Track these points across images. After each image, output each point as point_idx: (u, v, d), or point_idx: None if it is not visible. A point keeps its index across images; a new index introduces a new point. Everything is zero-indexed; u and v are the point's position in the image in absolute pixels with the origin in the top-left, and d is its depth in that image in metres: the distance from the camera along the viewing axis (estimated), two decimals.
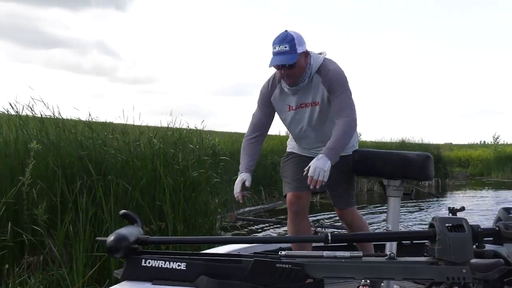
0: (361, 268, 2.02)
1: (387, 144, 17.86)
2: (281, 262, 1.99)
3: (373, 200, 13.12)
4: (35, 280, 4.04)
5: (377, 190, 14.98)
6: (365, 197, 13.81)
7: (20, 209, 4.49)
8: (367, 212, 10.69)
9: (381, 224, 9.02)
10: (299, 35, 2.82)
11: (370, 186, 15.12)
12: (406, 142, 18.54)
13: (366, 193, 14.59)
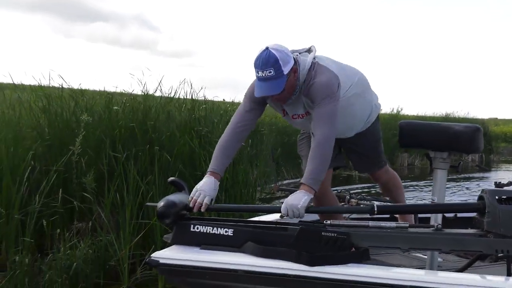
0: (407, 238, 2.02)
1: (429, 118, 17.43)
2: (326, 231, 2.01)
3: (414, 174, 12.91)
4: (84, 245, 4.21)
5: (418, 165, 14.73)
6: (406, 171, 13.60)
7: (69, 177, 4.67)
8: (407, 186, 10.55)
9: (423, 199, 8.90)
10: (283, 52, 2.42)
11: (411, 161, 14.86)
12: (450, 117, 18.03)
13: (406, 167, 14.36)
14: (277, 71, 2.36)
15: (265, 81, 2.39)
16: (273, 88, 2.40)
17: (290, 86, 2.48)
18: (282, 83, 2.40)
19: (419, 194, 9.64)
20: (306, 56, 2.58)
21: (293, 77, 2.48)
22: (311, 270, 1.90)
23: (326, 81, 2.49)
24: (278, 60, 2.36)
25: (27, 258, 4.00)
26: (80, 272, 4.03)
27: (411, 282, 1.88)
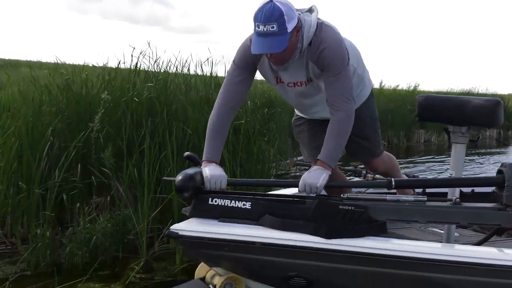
0: (425, 212, 2.02)
1: (448, 93, 17.21)
2: (344, 204, 2.02)
3: (430, 151, 12.82)
4: (103, 219, 4.29)
5: (435, 141, 14.62)
6: (422, 147, 13.51)
7: (88, 153, 4.73)
8: (424, 162, 10.50)
9: (439, 174, 8.86)
10: (288, 6, 2.16)
11: (427, 137, 14.73)
12: (469, 93, 17.75)
13: (423, 144, 14.26)
14: (280, 27, 2.10)
15: (266, 36, 2.12)
16: (274, 45, 2.14)
17: (291, 46, 2.22)
18: (285, 41, 2.14)
19: (435, 170, 9.59)
20: (308, 16, 2.33)
21: (295, 37, 2.22)
22: (328, 243, 1.92)
23: (336, 44, 2.28)
24: (283, 15, 2.10)
25: (48, 232, 4.10)
26: (99, 245, 4.12)
27: (428, 255, 1.88)
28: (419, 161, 10.70)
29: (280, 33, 2.11)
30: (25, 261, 4.04)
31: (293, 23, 2.16)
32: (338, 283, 1.95)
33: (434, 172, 9.16)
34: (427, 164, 10.34)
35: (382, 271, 1.90)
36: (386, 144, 12.88)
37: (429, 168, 9.79)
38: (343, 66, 2.28)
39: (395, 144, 13.24)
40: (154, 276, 3.98)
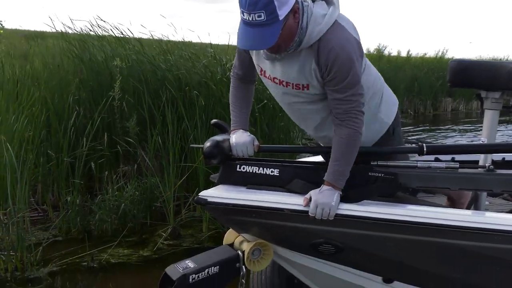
0: (457, 179, 1.99)
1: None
2: (373, 171, 1.99)
3: (457, 120, 12.59)
4: (131, 187, 4.36)
5: (462, 110, 14.34)
6: (449, 116, 13.27)
7: (112, 122, 4.78)
8: (450, 131, 10.32)
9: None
10: None
11: (455, 106, 14.45)
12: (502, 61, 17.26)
13: (450, 112, 14.00)
14: (270, 15, 1.70)
15: (253, 27, 1.73)
16: (263, 39, 1.74)
17: (288, 32, 1.79)
18: (276, 32, 1.73)
19: (462, 138, 9.42)
20: (322, 6, 1.88)
21: (292, 21, 1.79)
22: (358, 210, 1.90)
23: (348, 49, 1.83)
24: (271, 2, 1.68)
25: (78, 199, 4.19)
26: (127, 212, 4.20)
27: (459, 222, 1.86)
28: (446, 129, 10.51)
29: (269, 23, 1.71)
30: (56, 227, 4.16)
31: (288, 7, 1.74)
32: (367, 250, 1.94)
33: (462, 142, 9.01)
34: (454, 133, 10.16)
35: (411, 238, 1.88)
36: (412, 113, 12.68)
37: (457, 137, 9.62)
38: (350, 79, 1.86)
39: (421, 113, 13.03)
40: (182, 243, 4.06)
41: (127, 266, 3.62)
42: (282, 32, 1.75)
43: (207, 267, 1.94)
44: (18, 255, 3.52)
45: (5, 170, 3.78)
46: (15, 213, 3.63)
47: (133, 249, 3.90)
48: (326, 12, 1.84)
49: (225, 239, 2.17)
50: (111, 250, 3.81)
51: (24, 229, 3.66)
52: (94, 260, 3.67)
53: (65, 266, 3.57)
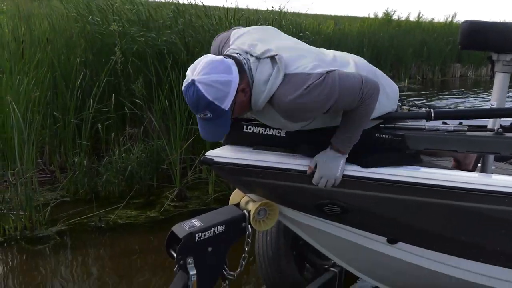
0: (465, 141, 1.97)
1: None
2: (381, 133, 1.98)
3: (465, 86, 12.45)
4: (137, 149, 4.38)
5: (471, 76, 14.16)
6: (457, 82, 13.12)
7: (119, 84, 4.76)
8: (458, 97, 10.23)
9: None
10: (214, 87, 1.64)
11: (463, 72, 14.26)
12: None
13: (458, 78, 13.83)
14: (215, 112, 1.68)
15: (205, 121, 1.72)
16: (215, 130, 1.75)
17: (240, 108, 1.76)
18: (226, 121, 1.72)
19: (471, 104, 9.34)
20: (266, 67, 1.73)
21: (243, 97, 1.74)
22: (364, 171, 1.90)
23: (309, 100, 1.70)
24: (211, 103, 1.65)
25: (85, 160, 4.22)
26: (134, 174, 4.23)
27: (465, 184, 1.85)
28: (454, 95, 10.42)
29: (216, 117, 1.70)
30: (64, 188, 4.20)
31: (230, 97, 1.68)
32: (372, 211, 1.95)
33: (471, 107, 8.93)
34: (462, 99, 10.07)
35: (417, 200, 1.88)
36: (420, 78, 12.55)
37: (465, 103, 9.54)
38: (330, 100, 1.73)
39: (429, 78, 12.89)
40: (188, 205, 4.10)
41: (134, 227, 3.67)
42: (235, 107, 1.73)
43: (213, 226, 1.96)
44: (27, 214, 3.57)
45: (12, 131, 3.79)
46: (23, 173, 3.66)
47: (140, 210, 3.95)
48: (268, 77, 1.72)
49: (231, 199, 2.18)
50: (118, 211, 3.86)
51: (32, 189, 3.70)
52: (102, 220, 3.72)
53: (73, 226, 3.63)
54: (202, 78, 1.64)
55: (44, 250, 3.29)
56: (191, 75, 1.66)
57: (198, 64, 1.68)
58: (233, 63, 1.70)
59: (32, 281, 2.94)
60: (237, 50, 1.79)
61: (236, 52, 1.79)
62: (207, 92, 1.64)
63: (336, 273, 2.72)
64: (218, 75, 1.65)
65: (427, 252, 2.03)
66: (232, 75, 1.67)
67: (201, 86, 1.63)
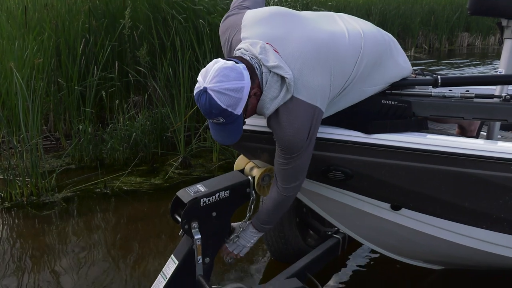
0: (472, 108, 1.95)
1: None
2: (386, 99, 1.96)
3: (473, 55, 12.29)
4: (142, 116, 4.38)
5: (479, 45, 13.96)
6: (465, 51, 12.94)
7: (123, 51, 4.72)
8: (468, 66, 10.11)
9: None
10: (227, 95, 1.64)
11: (471, 41, 14.05)
12: None
13: (465, 47, 13.64)
14: (227, 117, 1.69)
15: (218, 125, 1.74)
16: (228, 135, 1.77)
17: (252, 109, 1.78)
18: (239, 126, 1.75)
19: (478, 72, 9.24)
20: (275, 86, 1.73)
21: (255, 100, 1.75)
22: (369, 137, 1.89)
23: (296, 135, 1.74)
24: (224, 110, 1.66)
25: (90, 128, 4.22)
26: (139, 142, 4.24)
27: (470, 151, 1.84)
28: (461, 64, 10.30)
29: (229, 122, 1.71)
30: (69, 155, 4.22)
31: (243, 101, 1.69)
32: (376, 178, 1.95)
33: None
34: (469, 68, 9.95)
35: (422, 166, 1.88)
36: (427, 48, 12.39)
37: (472, 72, 9.43)
38: (293, 155, 1.79)
39: (436, 48, 12.72)
40: (192, 172, 4.11)
41: (139, 193, 3.69)
42: (248, 110, 1.76)
43: (218, 191, 1.97)
44: (33, 181, 3.60)
45: (16, 98, 3.79)
46: (28, 140, 3.68)
47: (144, 177, 3.97)
48: (276, 95, 1.73)
49: (236, 165, 2.19)
50: (123, 178, 3.88)
51: (37, 156, 3.72)
52: (107, 187, 3.75)
53: (78, 192, 3.66)
54: (215, 86, 1.63)
55: (50, 216, 3.33)
56: (203, 83, 1.65)
57: (209, 70, 1.66)
58: (245, 68, 1.69)
59: (40, 245, 2.98)
60: (249, 52, 1.77)
61: (248, 54, 1.76)
62: (220, 100, 1.64)
63: (339, 239, 2.75)
64: (230, 83, 1.65)
65: (431, 218, 2.04)
66: (244, 81, 1.67)
67: (214, 94, 1.63)
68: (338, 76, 1.80)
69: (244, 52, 1.77)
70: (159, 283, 1.98)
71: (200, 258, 1.95)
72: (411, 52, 11.23)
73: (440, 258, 2.43)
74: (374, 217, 2.12)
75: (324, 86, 1.76)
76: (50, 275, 2.69)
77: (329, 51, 1.80)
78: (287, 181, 1.88)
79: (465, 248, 2.12)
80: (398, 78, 2.02)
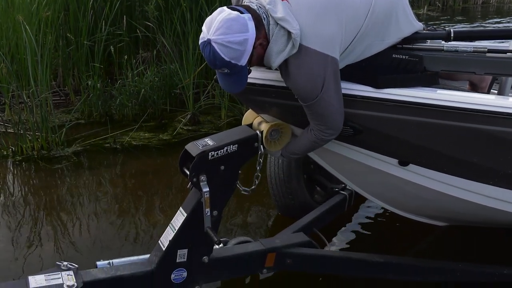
0: (485, 63, 1.90)
1: None
2: (397, 53, 1.92)
3: (487, 14, 11.98)
4: (151, 73, 4.35)
5: (494, 3, 13.57)
6: (479, 9, 12.60)
7: (132, 5, 4.65)
8: (479, 24, 9.87)
9: None
10: (231, 47, 1.62)
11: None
12: None
13: (480, 5, 13.27)
14: (232, 68, 1.69)
15: (223, 74, 1.75)
16: (233, 84, 1.78)
17: (257, 59, 1.75)
18: (243, 77, 1.75)
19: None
20: (282, 39, 1.69)
21: (260, 50, 1.72)
22: (378, 92, 1.86)
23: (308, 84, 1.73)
24: (228, 62, 1.65)
25: (99, 83, 4.21)
26: (148, 98, 4.23)
27: (482, 106, 1.81)
28: (475, 21, 10.06)
29: (235, 72, 1.71)
30: (78, 110, 4.23)
31: (247, 53, 1.67)
32: (385, 133, 1.93)
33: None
34: (483, 26, 9.71)
35: (431, 122, 1.85)
36: (440, 5, 12.07)
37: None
38: (314, 95, 1.74)
39: (449, 5, 12.39)
40: (200, 128, 4.12)
41: (148, 148, 3.72)
42: (253, 60, 1.73)
43: (226, 145, 1.96)
44: (44, 135, 3.63)
45: (25, 52, 3.77)
46: (38, 94, 3.68)
47: (153, 133, 3.98)
48: (282, 49, 1.70)
49: (244, 120, 2.18)
50: (132, 133, 3.89)
51: (47, 111, 3.73)
52: (116, 142, 3.77)
53: (88, 147, 3.68)
54: (218, 39, 1.61)
55: (61, 169, 3.37)
56: (207, 34, 1.63)
57: (213, 21, 1.63)
58: (250, 18, 1.65)
59: (51, 198, 3.03)
60: (257, 1, 1.72)
61: (256, 3, 1.71)
62: (223, 52, 1.63)
63: (346, 196, 2.75)
64: (233, 36, 1.62)
65: (438, 174, 2.03)
66: (248, 33, 1.64)
67: (217, 47, 1.62)
68: (349, 26, 1.77)
69: (252, 1, 1.73)
70: (168, 234, 2.01)
71: (208, 211, 1.97)
72: (424, 10, 10.95)
73: (446, 215, 2.43)
74: (381, 172, 2.12)
75: (335, 35, 1.73)
76: (62, 227, 2.74)
77: (341, 1, 1.76)
78: (317, 123, 1.85)
79: (472, 204, 2.12)
80: (409, 33, 1.98)
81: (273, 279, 2.24)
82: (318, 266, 2.24)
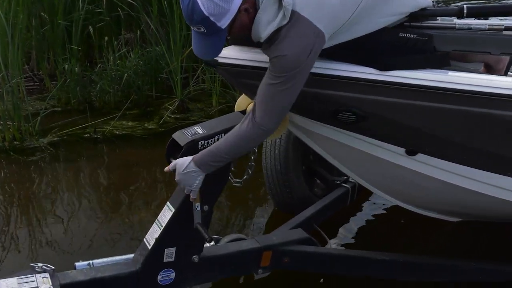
0: (501, 42, 1.90)
1: None
2: (405, 31, 1.91)
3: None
4: (134, 56, 4.33)
5: None
6: None
7: None
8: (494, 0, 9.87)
9: None
10: (215, 2, 1.60)
11: None
12: None
13: None
14: (210, 28, 1.65)
15: (198, 35, 1.71)
16: (208, 48, 1.76)
17: (239, 27, 1.71)
18: (220, 41, 1.73)
19: None
20: (273, 8, 1.68)
21: (245, 17, 1.69)
22: (384, 75, 1.86)
23: (296, 49, 1.69)
24: (206, 18, 1.62)
25: (77, 67, 4.18)
26: (131, 83, 4.21)
27: (498, 89, 1.81)
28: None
29: (211, 33, 1.68)
30: (54, 97, 4.21)
31: (230, 15, 1.64)
32: (391, 120, 1.93)
33: None
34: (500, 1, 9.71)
35: (442, 107, 1.84)
36: None
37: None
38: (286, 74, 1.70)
39: None
40: (189, 117, 4.11)
41: (132, 138, 3.72)
42: (234, 27, 1.69)
43: (217, 133, 1.96)
44: (16, 124, 3.61)
45: None
46: (8, 79, 3.65)
47: (137, 121, 3.97)
48: (271, 20, 1.68)
49: (237, 106, 2.17)
50: (114, 122, 3.88)
51: (19, 98, 3.71)
52: (97, 131, 3.75)
53: (66, 137, 3.67)
54: None
55: (35, 162, 3.36)
56: None
57: None
58: None
59: (25, 193, 3.02)
60: None
61: None
62: (204, 5, 1.60)
63: (348, 189, 2.76)
64: None
65: (450, 164, 2.03)
66: None
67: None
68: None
69: None
70: (154, 231, 2.00)
71: (198, 206, 1.96)
72: None
73: (458, 209, 2.44)
74: (387, 163, 2.11)
75: (333, 6, 1.72)
76: (37, 225, 2.74)
77: None
78: (268, 109, 1.77)
79: (487, 197, 2.12)
80: (414, 8, 1.96)
81: (269, 278, 2.24)
82: (318, 265, 2.24)
